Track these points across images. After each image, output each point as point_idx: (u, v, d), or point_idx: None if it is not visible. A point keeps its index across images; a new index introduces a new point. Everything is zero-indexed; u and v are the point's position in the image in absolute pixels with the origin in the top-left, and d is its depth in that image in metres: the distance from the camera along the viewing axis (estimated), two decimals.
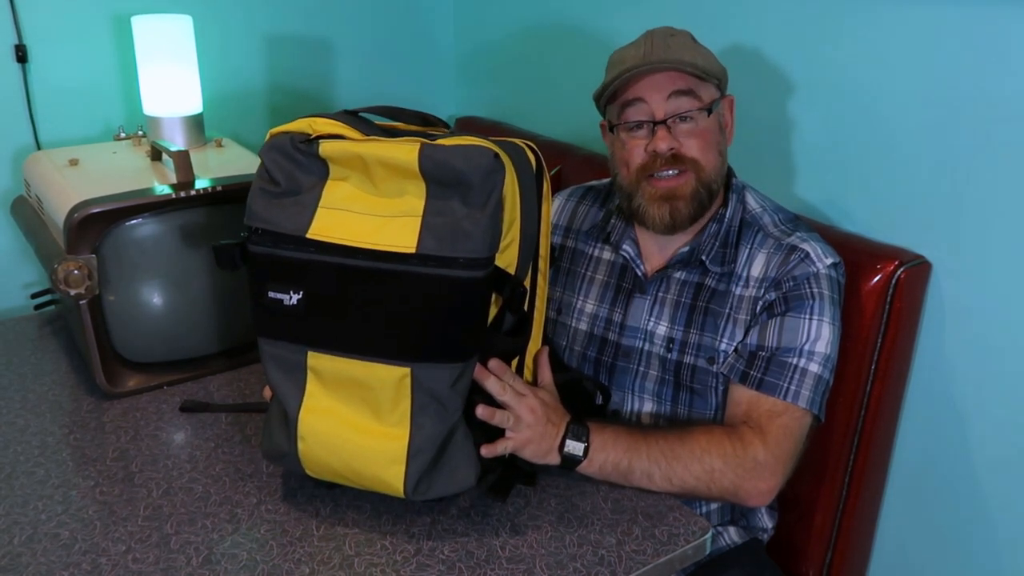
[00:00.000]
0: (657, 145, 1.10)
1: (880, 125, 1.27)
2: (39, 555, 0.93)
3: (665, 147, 1.10)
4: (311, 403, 0.94)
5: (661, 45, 1.12)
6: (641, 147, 1.13)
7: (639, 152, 1.13)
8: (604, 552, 0.96)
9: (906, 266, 1.18)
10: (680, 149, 1.11)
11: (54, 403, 1.24)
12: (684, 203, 1.13)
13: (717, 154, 1.14)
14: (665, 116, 1.11)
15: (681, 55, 1.11)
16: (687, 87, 1.10)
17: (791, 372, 1.08)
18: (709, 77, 1.12)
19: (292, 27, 1.89)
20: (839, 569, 1.30)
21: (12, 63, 1.59)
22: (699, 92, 1.11)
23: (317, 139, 0.92)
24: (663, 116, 1.11)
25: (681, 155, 1.11)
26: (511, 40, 1.98)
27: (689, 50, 1.13)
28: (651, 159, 1.12)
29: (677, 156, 1.11)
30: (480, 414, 0.95)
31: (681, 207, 1.13)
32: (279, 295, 0.91)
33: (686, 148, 1.11)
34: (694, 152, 1.12)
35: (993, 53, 1.12)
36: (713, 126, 1.14)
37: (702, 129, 1.12)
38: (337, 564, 0.92)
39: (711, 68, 1.13)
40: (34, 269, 1.69)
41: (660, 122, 1.11)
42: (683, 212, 1.13)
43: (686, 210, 1.13)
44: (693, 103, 1.11)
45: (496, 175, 0.87)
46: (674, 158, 1.11)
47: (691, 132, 1.12)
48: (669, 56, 1.10)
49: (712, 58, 1.16)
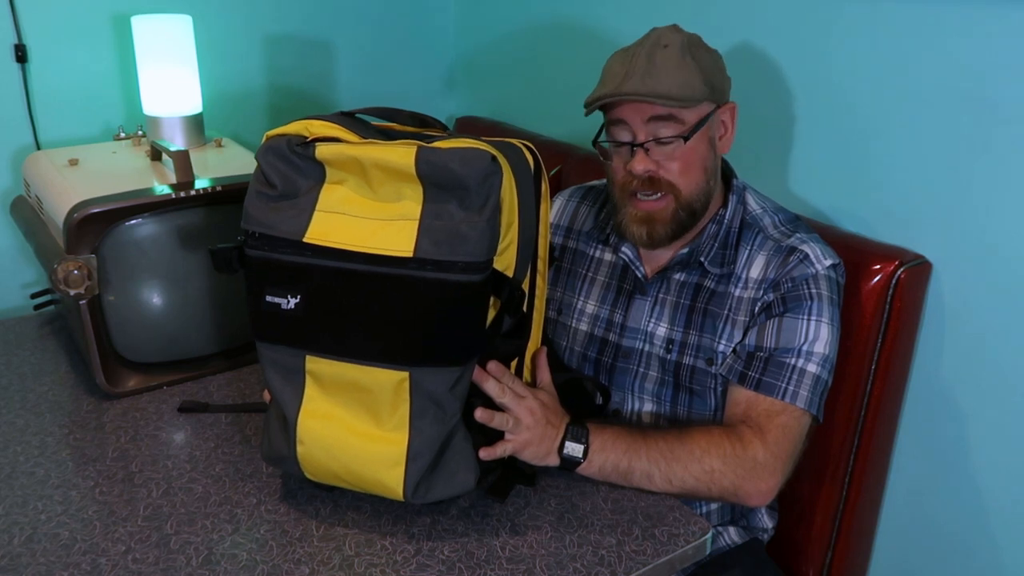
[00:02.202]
0: (634, 167, 1.11)
1: (880, 125, 1.27)
2: (39, 555, 0.93)
3: (641, 169, 1.10)
4: (310, 407, 0.94)
5: (643, 67, 1.07)
6: (622, 166, 1.13)
7: (620, 171, 1.14)
8: (604, 552, 0.96)
9: (906, 266, 1.18)
10: (657, 172, 1.11)
11: (54, 403, 1.24)
12: (662, 226, 1.13)
13: (701, 172, 1.12)
14: (644, 139, 1.10)
15: (662, 81, 1.07)
16: (667, 112, 1.08)
17: (789, 372, 1.08)
18: (689, 103, 1.08)
19: (292, 27, 1.89)
20: (839, 569, 1.30)
21: (12, 63, 1.60)
22: (681, 116, 1.09)
23: (313, 142, 0.91)
24: (643, 139, 1.10)
25: (658, 178, 1.11)
26: (511, 40, 1.98)
27: (673, 71, 1.07)
28: (629, 179, 1.12)
29: (654, 179, 1.11)
30: (479, 417, 0.95)
31: (659, 229, 1.13)
32: (277, 299, 0.91)
33: (665, 171, 1.11)
34: (673, 176, 1.11)
35: (994, 53, 1.12)
36: (697, 145, 1.11)
37: (683, 152, 1.10)
38: (337, 564, 0.93)
39: (691, 91, 1.07)
40: (34, 269, 1.69)
41: (639, 144, 1.10)
42: (660, 233, 1.13)
43: (664, 231, 1.13)
44: (673, 128, 1.09)
45: (493, 178, 0.87)
46: (651, 181, 1.11)
47: (671, 155, 1.10)
48: (645, 85, 1.07)
49: (702, 74, 1.09)
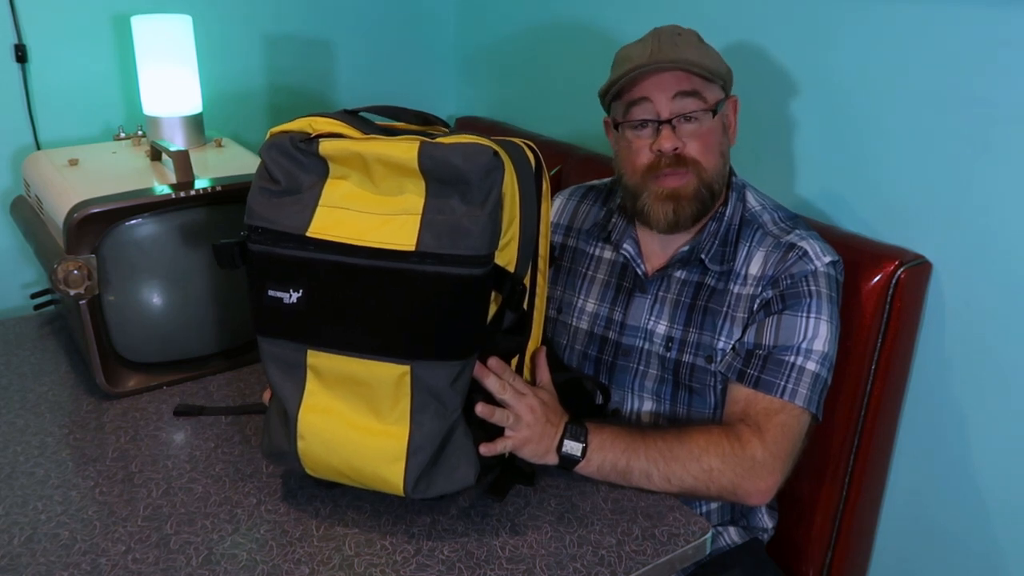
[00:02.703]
0: (662, 144, 1.11)
1: (880, 125, 1.27)
2: (39, 555, 0.93)
3: (669, 146, 1.11)
4: (311, 401, 0.94)
5: (668, 44, 1.12)
6: (646, 147, 1.13)
7: (644, 152, 1.13)
8: (604, 552, 0.95)
9: (906, 266, 1.18)
10: (683, 149, 1.12)
11: (54, 403, 1.24)
12: (687, 202, 1.13)
13: (719, 155, 1.14)
14: (670, 116, 1.11)
15: (688, 55, 1.11)
16: (692, 88, 1.11)
17: (788, 370, 1.08)
18: (715, 78, 1.12)
19: (292, 27, 1.89)
20: (839, 569, 1.30)
21: (12, 63, 1.60)
22: (704, 93, 1.12)
23: (317, 138, 0.92)
24: (668, 116, 1.11)
25: (684, 156, 1.12)
26: (512, 40, 1.98)
27: (695, 49, 1.13)
28: (656, 159, 1.13)
29: (680, 157, 1.12)
30: (480, 411, 0.95)
31: (684, 206, 1.13)
32: (279, 294, 0.91)
33: (689, 149, 1.12)
34: (696, 153, 1.12)
35: (994, 53, 1.12)
36: (717, 127, 1.14)
37: (706, 130, 1.12)
38: (337, 564, 0.92)
39: (717, 69, 1.13)
40: (34, 269, 1.69)
41: (665, 121, 1.11)
42: (686, 211, 1.14)
43: (689, 209, 1.14)
44: (698, 104, 1.11)
45: (495, 173, 0.87)
46: (677, 159, 1.12)
47: (695, 133, 1.12)
48: (676, 55, 1.10)
49: (718, 58, 1.16)
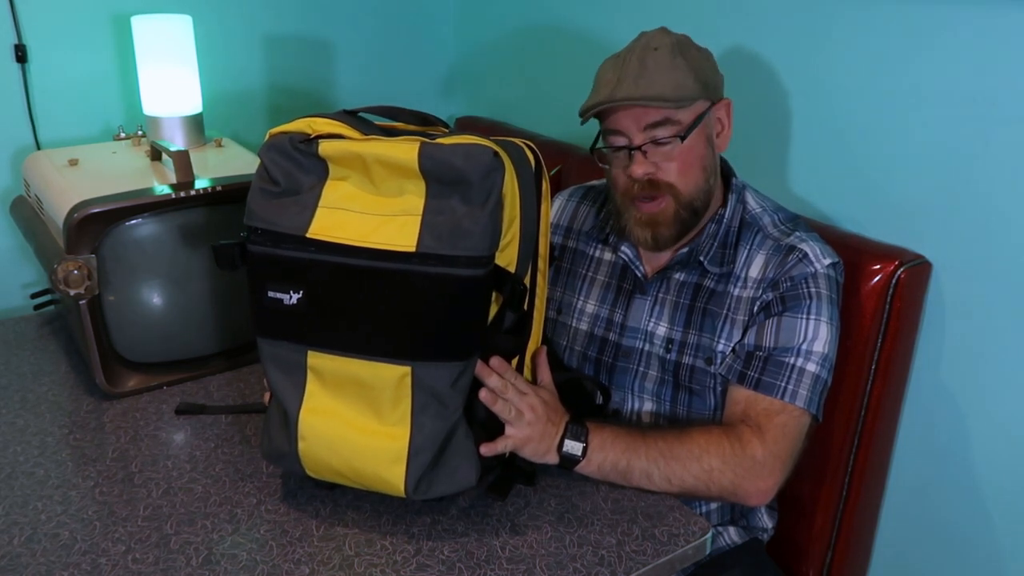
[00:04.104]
0: (633, 171, 1.11)
1: (880, 124, 1.27)
2: (39, 555, 0.93)
3: (641, 172, 1.11)
4: (311, 403, 0.94)
5: (634, 71, 1.08)
6: (622, 172, 1.14)
7: (621, 176, 1.14)
8: (604, 552, 0.96)
9: (906, 266, 1.18)
10: (656, 174, 1.11)
11: (54, 403, 1.24)
12: (666, 227, 1.14)
13: (699, 171, 1.13)
14: (642, 143, 1.10)
15: (654, 84, 1.07)
16: (661, 118, 1.09)
17: (788, 371, 1.08)
18: (685, 101, 1.09)
19: (292, 27, 1.89)
20: (839, 569, 1.30)
21: (12, 63, 1.60)
22: (676, 117, 1.10)
23: (316, 139, 0.92)
24: (640, 143, 1.11)
25: (657, 180, 1.11)
26: (511, 40, 1.98)
27: (665, 72, 1.08)
28: (630, 184, 1.13)
29: (653, 182, 1.12)
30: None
31: (663, 230, 1.14)
32: (279, 295, 0.91)
33: (663, 173, 1.11)
34: (672, 177, 1.11)
35: (993, 53, 1.12)
36: (696, 144, 1.12)
37: (681, 151, 1.11)
38: (337, 564, 0.92)
39: (684, 91, 1.08)
40: (34, 269, 1.69)
41: (636, 148, 1.11)
42: (665, 234, 1.14)
43: (668, 232, 1.14)
44: (669, 131, 1.10)
45: (496, 173, 0.87)
46: (651, 183, 1.12)
47: (669, 156, 1.11)
48: (637, 89, 1.08)
49: (694, 73, 1.10)
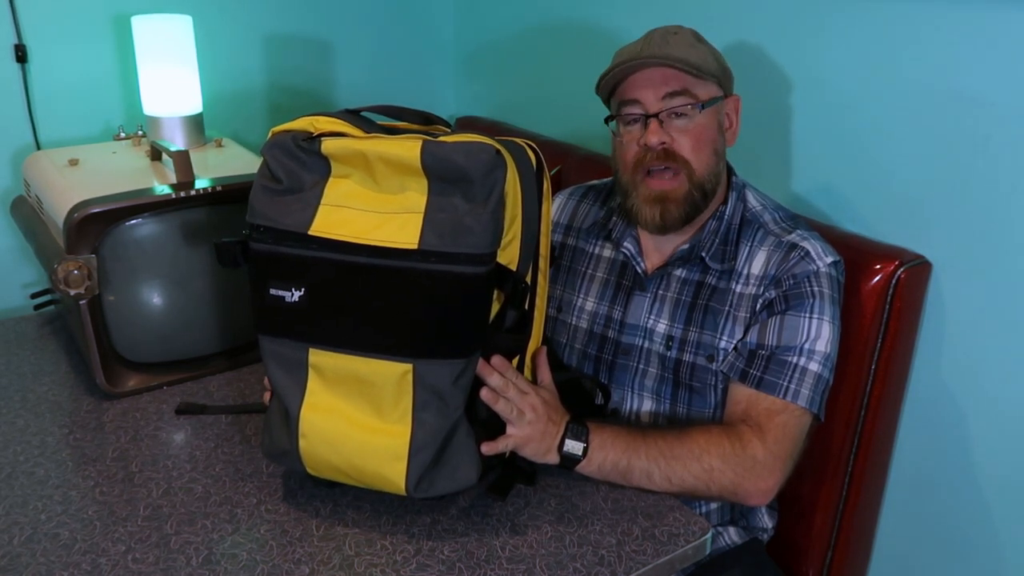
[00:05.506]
0: (648, 138, 1.10)
1: (880, 124, 1.27)
2: (39, 555, 0.92)
3: (656, 140, 1.10)
4: (312, 400, 0.93)
5: (659, 42, 1.12)
6: (635, 141, 1.13)
7: (633, 146, 1.13)
8: (604, 552, 0.95)
9: (906, 266, 1.18)
10: (672, 145, 1.11)
11: (54, 403, 1.24)
12: (676, 206, 1.13)
13: (712, 153, 1.13)
14: (659, 111, 1.11)
15: (677, 52, 1.10)
16: (681, 87, 1.10)
17: (791, 371, 1.08)
18: (704, 75, 1.11)
19: (292, 27, 1.89)
20: (839, 569, 1.30)
21: (12, 63, 1.60)
22: (694, 90, 1.11)
23: (319, 137, 0.92)
24: (656, 111, 1.11)
25: (673, 152, 1.11)
26: (512, 40, 1.98)
27: (687, 47, 1.12)
28: (643, 153, 1.12)
29: (669, 152, 1.11)
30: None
31: (672, 209, 1.13)
32: (281, 292, 0.91)
33: (678, 145, 1.11)
34: (686, 151, 1.11)
35: (994, 53, 1.12)
36: (709, 123, 1.13)
37: (696, 126, 1.12)
38: (337, 564, 0.92)
39: (706, 66, 1.12)
40: (34, 269, 1.69)
41: (652, 116, 1.11)
42: (674, 214, 1.13)
43: (677, 212, 1.13)
44: (687, 100, 1.10)
45: (498, 171, 0.87)
46: (666, 154, 1.11)
47: (684, 129, 1.11)
48: (664, 52, 1.10)
49: (713, 57, 1.15)
